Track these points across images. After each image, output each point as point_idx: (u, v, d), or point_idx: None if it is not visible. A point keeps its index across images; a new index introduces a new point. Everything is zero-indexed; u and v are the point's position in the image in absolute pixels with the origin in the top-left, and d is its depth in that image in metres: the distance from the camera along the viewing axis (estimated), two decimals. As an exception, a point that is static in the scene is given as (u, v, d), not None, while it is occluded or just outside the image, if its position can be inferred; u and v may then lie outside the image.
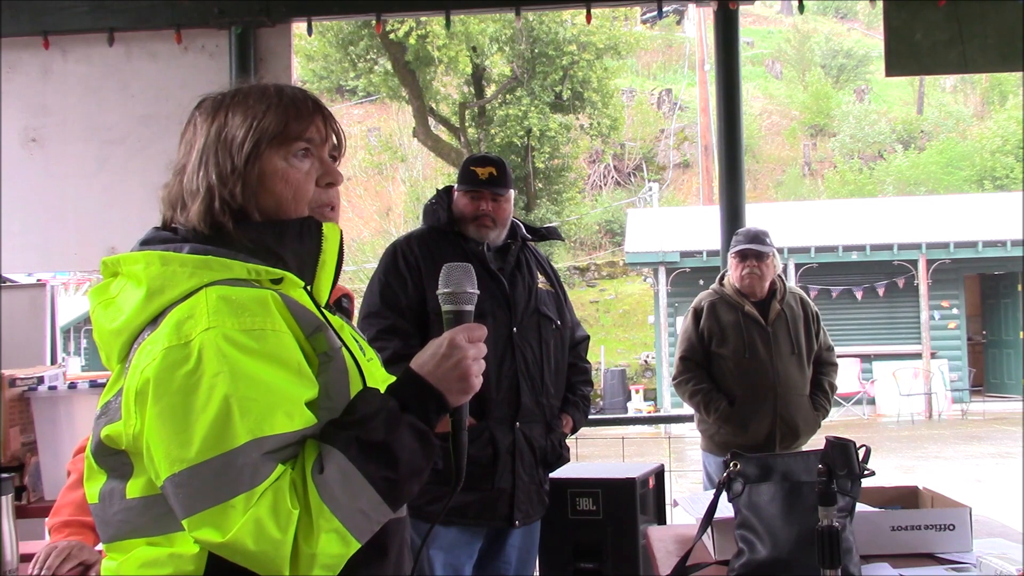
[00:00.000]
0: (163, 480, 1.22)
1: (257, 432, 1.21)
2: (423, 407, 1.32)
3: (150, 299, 1.28)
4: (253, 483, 1.20)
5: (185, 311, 1.25)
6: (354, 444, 1.25)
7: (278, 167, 1.37)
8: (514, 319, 2.97)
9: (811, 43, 32.72)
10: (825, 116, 30.17)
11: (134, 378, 1.25)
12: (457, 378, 1.35)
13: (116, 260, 1.35)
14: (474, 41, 20.19)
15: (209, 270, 1.29)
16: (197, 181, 1.35)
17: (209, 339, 1.22)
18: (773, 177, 28.88)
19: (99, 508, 1.34)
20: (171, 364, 1.21)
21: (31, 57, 4.20)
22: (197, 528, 1.20)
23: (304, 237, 1.38)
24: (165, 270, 1.29)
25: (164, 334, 1.24)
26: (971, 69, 4.01)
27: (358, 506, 1.24)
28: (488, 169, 3.06)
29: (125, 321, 1.30)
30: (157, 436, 1.21)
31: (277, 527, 1.19)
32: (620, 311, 22.79)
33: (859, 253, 16.28)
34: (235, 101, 1.39)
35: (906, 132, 29.31)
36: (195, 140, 1.38)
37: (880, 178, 26.60)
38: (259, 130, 1.36)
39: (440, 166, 23.41)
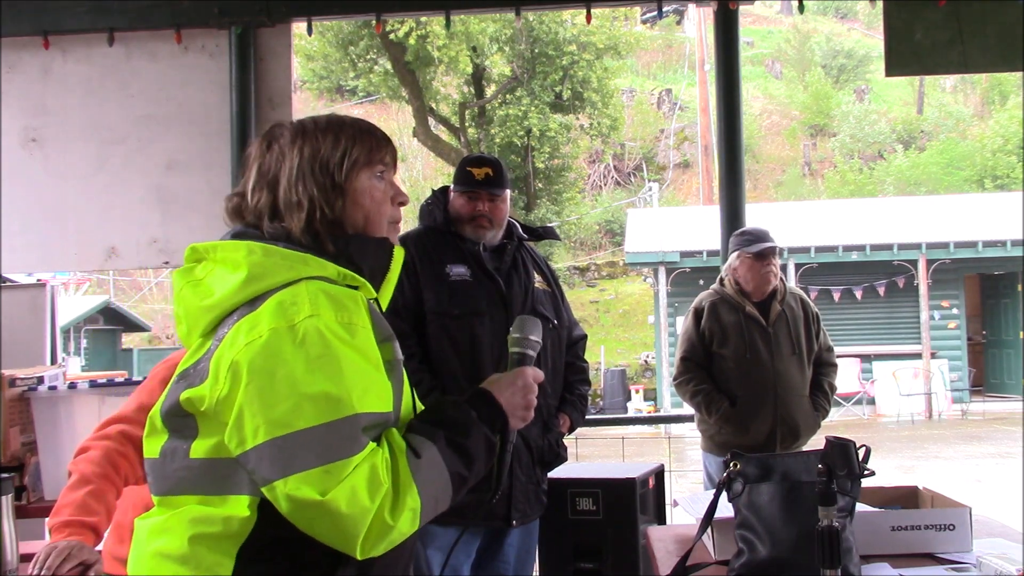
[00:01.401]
0: (258, 442, 1.34)
1: (358, 407, 1.37)
2: (492, 422, 1.56)
3: (249, 283, 1.43)
4: (352, 452, 1.35)
5: (288, 298, 1.40)
6: (443, 440, 1.45)
7: (366, 185, 1.57)
8: (511, 319, 2.96)
9: (811, 43, 32.72)
10: (825, 116, 30.17)
11: (231, 349, 1.38)
12: (523, 407, 1.61)
13: (211, 246, 1.51)
14: (474, 41, 20.19)
15: (306, 266, 1.46)
16: (298, 195, 1.51)
17: (312, 325, 1.38)
18: (773, 177, 28.89)
19: (158, 463, 1.47)
20: (278, 342, 1.36)
21: (31, 57, 4.20)
22: (297, 487, 1.32)
23: (380, 254, 1.58)
24: (267, 260, 1.45)
25: (268, 315, 1.39)
26: (971, 69, 4.01)
27: (435, 493, 1.43)
28: (484, 170, 3.06)
29: (219, 299, 1.45)
30: (257, 403, 1.35)
31: (369, 496, 1.34)
32: (620, 311, 22.79)
33: (859, 253, 16.28)
34: (320, 128, 1.56)
35: (906, 132, 29.31)
36: (283, 161, 1.54)
37: (880, 178, 26.60)
38: (353, 152, 1.56)
39: (440, 166, 23.42)
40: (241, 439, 1.36)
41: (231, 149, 4.04)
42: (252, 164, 1.58)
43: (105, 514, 2.07)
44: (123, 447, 2.15)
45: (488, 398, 1.57)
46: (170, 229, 4.12)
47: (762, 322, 4.05)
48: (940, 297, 16.54)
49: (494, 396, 1.58)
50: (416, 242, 3.04)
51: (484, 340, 2.92)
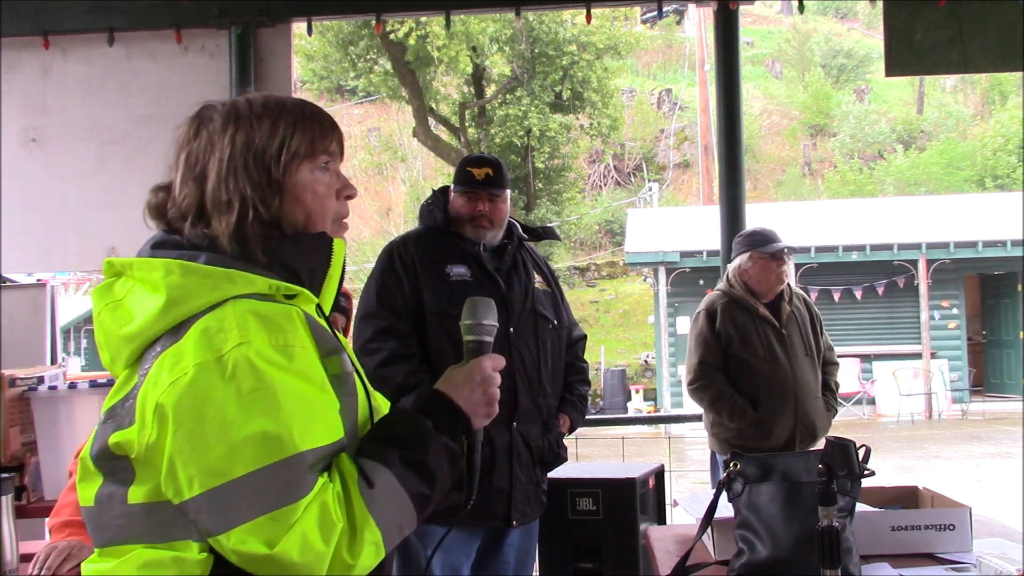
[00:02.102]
0: (194, 494, 1.21)
1: (301, 445, 1.22)
2: (453, 429, 1.40)
3: (169, 308, 1.27)
4: (299, 495, 1.21)
5: (214, 324, 1.25)
6: (398, 462, 1.30)
7: (308, 180, 1.39)
8: (511, 319, 2.97)
9: (811, 43, 32.72)
10: (825, 116, 30.17)
11: (155, 388, 1.24)
12: (485, 404, 1.45)
13: (127, 263, 1.34)
14: (474, 41, 20.20)
15: (232, 283, 1.29)
16: (228, 192, 1.34)
17: (242, 355, 1.22)
18: (773, 177, 28.88)
19: (95, 511, 1.32)
20: (204, 380, 1.21)
21: (31, 57, 4.20)
22: (242, 540, 1.20)
23: (318, 252, 1.40)
24: (186, 280, 1.28)
25: (192, 347, 1.23)
26: (971, 69, 4.01)
27: (398, 521, 1.30)
28: (485, 170, 3.06)
29: (139, 327, 1.29)
30: (188, 450, 1.21)
31: (322, 539, 1.21)
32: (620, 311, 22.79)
33: (859, 253, 16.28)
34: (256, 113, 1.38)
35: (906, 132, 29.31)
36: (212, 151, 1.37)
37: (880, 178, 26.60)
38: (292, 143, 1.37)
39: (440, 166, 23.41)
40: (177, 490, 1.23)
41: (231, 149, 4.04)
42: (179, 152, 1.41)
43: None
44: None
45: (445, 402, 1.42)
46: (170, 229, 4.11)
47: (775, 323, 3.99)
48: (940, 297, 16.55)
49: (451, 399, 1.42)
50: (416, 242, 3.05)
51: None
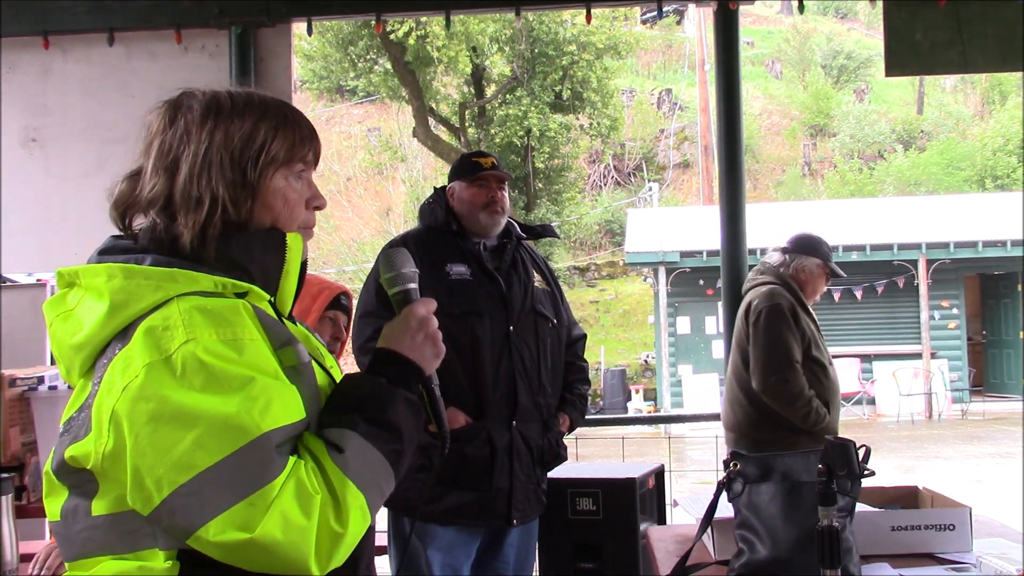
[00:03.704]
0: (164, 495, 1.19)
1: (264, 426, 1.21)
2: (407, 380, 1.39)
3: (114, 313, 1.26)
4: (272, 475, 1.20)
5: (159, 324, 1.23)
6: (361, 424, 1.29)
7: (281, 186, 1.37)
8: (511, 318, 2.98)
9: (811, 43, 32.72)
10: (825, 116, 30.17)
11: (109, 395, 1.22)
12: (430, 347, 1.43)
13: (74, 272, 1.32)
14: (474, 41, 20.19)
15: (175, 283, 1.27)
16: (199, 189, 1.31)
17: (189, 352, 1.21)
18: (773, 177, 28.88)
19: (61, 526, 1.31)
20: (155, 380, 1.20)
21: (31, 57, 4.19)
22: (221, 531, 1.18)
23: (269, 249, 1.37)
24: (128, 283, 1.26)
25: (139, 349, 1.22)
26: (971, 69, 4.01)
27: (375, 480, 1.29)
28: (489, 159, 3.10)
29: (87, 335, 1.27)
30: (152, 453, 1.19)
31: (302, 513, 1.21)
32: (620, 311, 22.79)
33: (859, 253, 16.28)
34: (238, 110, 1.35)
35: (906, 132, 29.30)
36: (187, 143, 1.33)
37: (880, 178, 26.60)
38: (272, 147, 1.35)
39: (440, 166, 23.41)
40: (146, 498, 1.20)
41: (231, 149, 4.04)
42: (152, 140, 1.36)
43: None
44: None
45: (392, 356, 1.40)
46: (170, 229, 4.11)
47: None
48: (940, 297, 16.55)
49: (396, 351, 1.40)
50: (416, 241, 3.05)
51: (484, 339, 2.92)
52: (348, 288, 2.77)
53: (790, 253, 3.99)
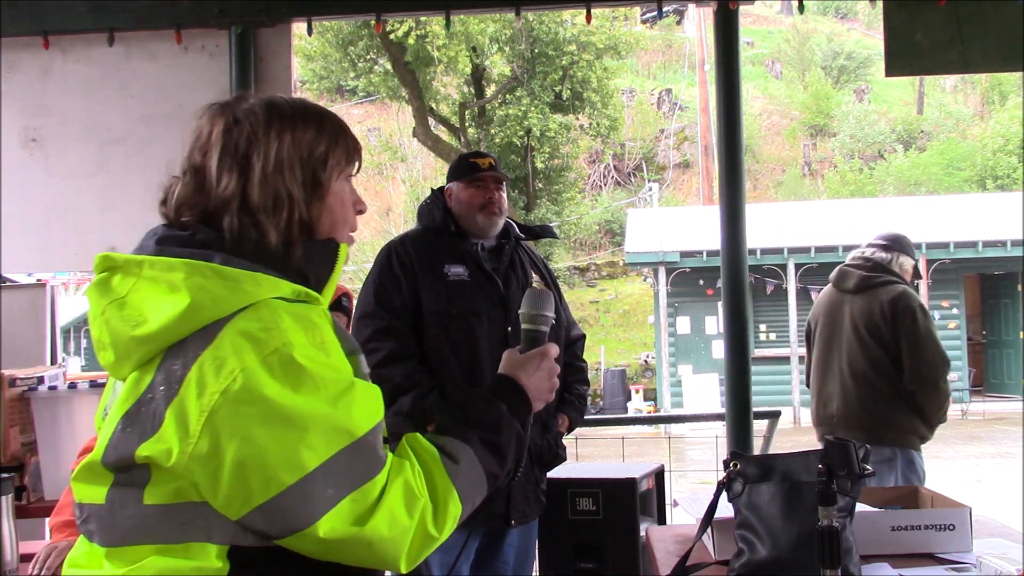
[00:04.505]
0: (271, 495, 1.20)
1: (364, 426, 1.26)
2: (520, 412, 1.48)
3: (195, 312, 1.24)
4: (376, 471, 1.25)
5: (253, 328, 1.23)
6: (477, 441, 1.37)
7: (340, 188, 1.42)
8: (509, 319, 2.97)
9: (811, 43, 32.72)
10: (825, 116, 30.18)
11: (201, 396, 1.21)
12: (547, 390, 1.55)
13: (134, 260, 1.30)
14: (474, 41, 20.20)
15: (259, 287, 1.27)
16: (278, 187, 1.34)
17: (287, 355, 1.23)
18: (773, 177, 28.89)
19: (105, 511, 1.29)
20: (256, 382, 1.21)
21: (31, 57, 4.19)
22: (332, 526, 1.22)
23: (326, 258, 1.40)
24: (210, 283, 1.25)
25: (234, 351, 1.22)
26: (971, 69, 4.00)
27: (473, 496, 1.36)
28: (487, 160, 3.09)
29: (158, 330, 1.25)
30: (259, 456, 1.20)
31: (408, 514, 1.26)
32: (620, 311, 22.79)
33: (859, 253, 16.26)
34: (299, 115, 1.39)
35: (906, 132, 29.31)
36: (255, 143, 1.34)
37: (880, 178, 26.60)
38: (337, 150, 1.41)
39: (440, 166, 23.41)
40: (247, 499, 1.21)
41: (231, 149, 4.04)
42: (210, 141, 1.36)
43: None
44: None
45: (514, 385, 1.50)
46: (170, 229, 4.11)
47: None
48: (940, 297, 16.54)
49: (519, 382, 1.50)
50: (414, 242, 3.05)
51: (482, 340, 2.92)
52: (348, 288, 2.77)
53: (893, 251, 4.15)
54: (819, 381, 4.26)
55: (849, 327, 4.11)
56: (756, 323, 16.77)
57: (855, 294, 4.13)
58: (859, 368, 4.05)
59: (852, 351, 4.08)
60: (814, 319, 4.39)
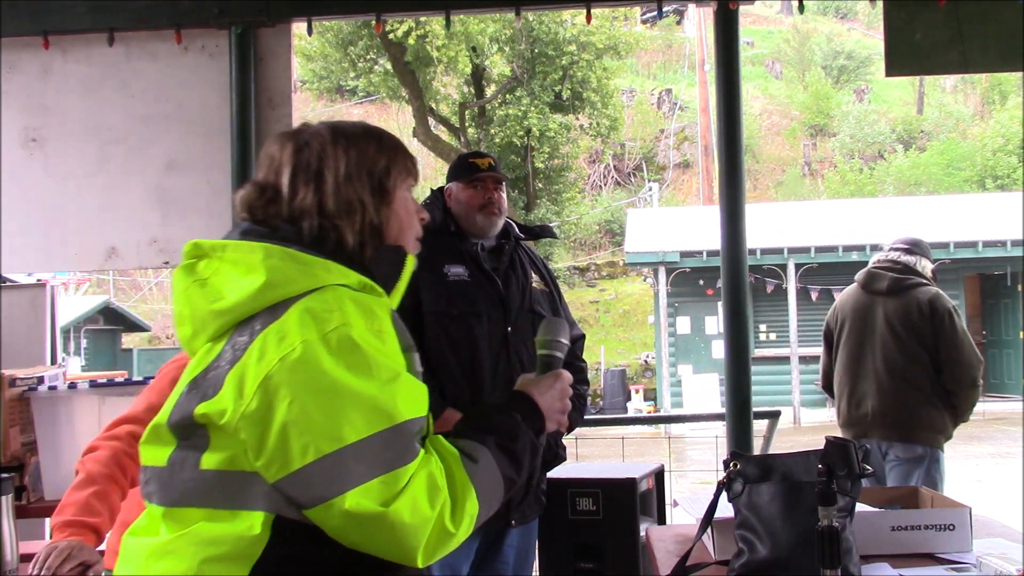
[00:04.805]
0: (307, 461, 1.29)
1: (405, 414, 1.34)
2: (534, 426, 1.55)
3: (268, 289, 1.37)
4: (408, 460, 1.33)
5: (317, 305, 1.36)
6: (494, 446, 1.45)
7: (403, 197, 1.57)
8: (508, 319, 2.97)
9: (811, 43, 32.72)
10: (825, 116, 30.17)
11: (260, 363, 1.32)
12: (559, 411, 1.63)
13: (219, 245, 1.44)
14: (474, 41, 20.19)
15: (328, 273, 1.41)
16: (350, 195, 1.48)
17: (345, 334, 1.33)
18: (773, 177, 28.89)
19: (166, 472, 1.40)
20: (314, 355, 1.31)
21: (31, 57, 4.19)
22: (357, 501, 1.29)
23: (395, 262, 1.54)
24: (285, 265, 1.39)
25: (297, 325, 1.34)
26: (971, 69, 4.00)
27: (489, 498, 1.42)
28: (487, 160, 3.08)
29: (234, 304, 1.39)
30: (303, 421, 1.30)
31: (429, 504, 1.33)
32: (620, 311, 22.79)
33: (859, 253, 16.26)
34: (360, 135, 1.55)
35: (906, 132, 29.31)
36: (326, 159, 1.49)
37: (880, 178, 26.60)
38: (397, 163, 1.56)
39: (440, 166, 23.41)
40: (285, 461, 1.30)
41: (231, 149, 4.04)
42: (284, 162, 1.51)
43: (108, 515, 2.07)
44: (132, 448, 2.14)
45: (529, 402, 1.58)
46: (170, 229, 4.11)
47: None
48: (940, 297, 16.51)
49: (534, 399, 1.59)
50: (414, 242, 3.05)
51: (482, 340, 2.92)
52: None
53: (915, 255, 4.30)
54: (850, 381, 4.28)
55: (884, 327, 4.17)
56: (756, 323, 16.78)
57: (888, 295, 4.21)
58: (896, 367, 4.12)
59: (888, 351, 4.14)
60: (838, 320, 4.43)
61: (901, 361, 4.12)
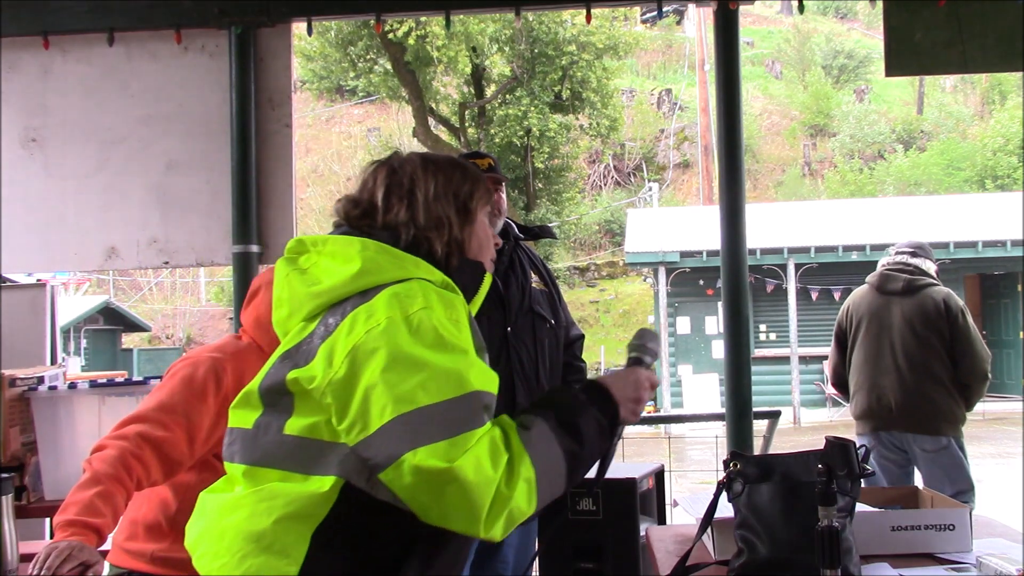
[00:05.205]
0: (385, 421, 1.42)
1: (476, 385, 1.48)
2: (602, 408, 1.62)
3: (362, 275, 1.55)
4: (475, 425, 1.44)
5: (403, 291, 1.52)
6: (553, 419, 1.54)
7: (483, 219, 1.76)
8: (508, 318, 2.97)
9: (811, 43, 32.71)
10: (825, 116, 30.17)
11: (349, 336, 1.48)
12: (632, 400, 1.68)
13: (320, 239, 1.65)
14: (474, 41, 20.19)
15: (417, 268, 1.59)
16: (439, 211, 1.67)
17: (425, 316, 1.49)
18: (773, 177, 28.89)
19: (250, 434, 1.57)
20: (395, 329, 1.46)
21: (31, 57, 4.19)
22: (424, 458, 1.40)
23: (474, 275, 1.71)
24: (379, 256, 1.58)
25: (383, 305, 1.50)
26: (971, 69, 4.00)
27: (548, 468, 1.49)
28: (487, 160, 3.08)
29: (330, 287, 1.56)
30: (383, 384, 1.43)
31: (492, 465, 1.42)
32: (620, 311, 22.80)
33: (859, 253, 16.27)
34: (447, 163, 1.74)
35: (906, 132, 29.30)
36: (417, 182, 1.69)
37: (880, 178, 26.59)
38: (478, 189, 1.74)
39: (440, 166, 23.39)
40: (366, 423, 1.44)
41: (231, 149, 4.04)
42: (379, 182, 1.70)
43: (111, 516, 2.06)
44: (139, 449, 2.13)
45: (600, 388, 1.66)
46: (170, 229, 4.11)
47: None
48: (940, 297, 16.50)
49: (604, 384, 1.66)
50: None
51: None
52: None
53: (921, 257, 4.58)
54: (870, 376, 4.50)
55: (902, 325, 4.44)
56: (756, 323, 16.77)
57: (903, 295, 4.49)
58: (917, 362, 4.37)
59: (909, 347, 4.40)
60: (852, 320, 4.66)
61: (920, 356, 4.37)
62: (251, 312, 2.43)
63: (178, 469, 2.22)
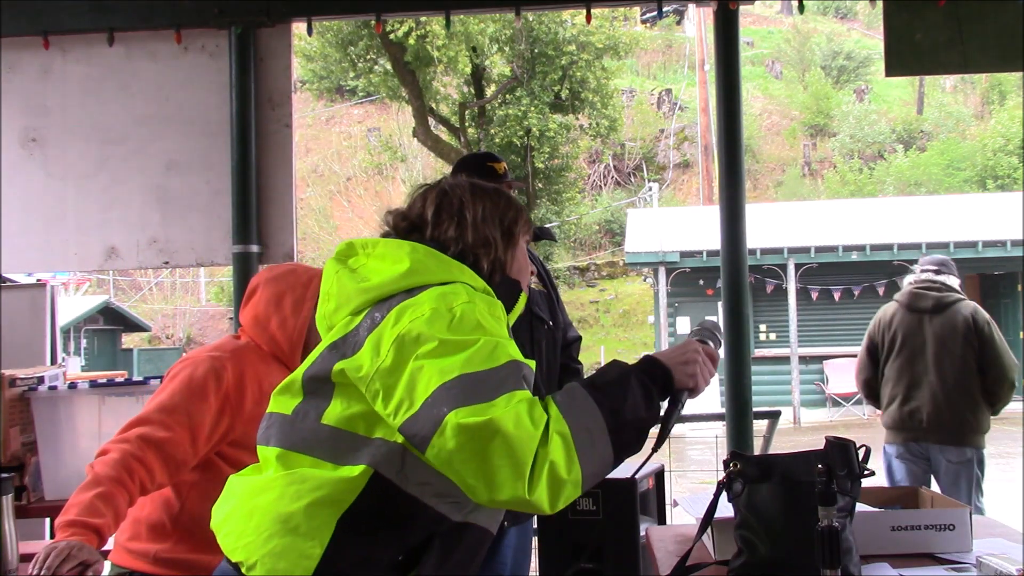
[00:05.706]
0: (431, 391, 1.47)
1: (516, 356, 1.55)
2: (650, 373, 1.63)
3: (410, 275, 1.63)
4: (515, 387, 1.50)
5: (448, 290, 1.61)
6: (588, 383, 1.58)
7: (522, 246, 1.87)
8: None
9: (811, 43, 32.72)
10: (825, 116, 30.17)
11: (396, 326, 1.55)
12: (683, 363, 1.67)
13: (370, 242, 1.74)
14: (474, 41, 20.18)
15: (462, 273, 1.70)
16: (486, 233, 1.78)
17: (468, 309, 1.58)
18: (773, 177, 28.89)
19: (288, 420, 1.65)
20: (438, 318, 1.54)
21: (31, 57, 4.20)
22: (466, 416, 1.44)
23: (512, 293, 1.82)
24: (427, 259, 1.67)
25: (429, 300, 1.58)
26: (971, 69, 4.01)
27: (584, 422, 1.51)
28: (502, 164, 3.07)
29: (378, 283, 1.64)
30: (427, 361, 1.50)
31: (532, 423, 1.46)
32: (620, 311, 22.80)
33: (859, 253, 16.28)
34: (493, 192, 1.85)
35: (906, 132, 29.31)
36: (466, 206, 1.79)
37: (880, 178, 26.59)
38: (521, 218, 1.85)
39: (440, 166, 23.41)
40: (412, 401, 1.49)
41: (231, 149, 4.04)
42: (429, 202, 1.80)
43: (112, 517, 2.06)
44: (141, 451, 2.14)
45: (649, 358, 1.68)
46: (170, 229, 4.12)
47: None
48: (940, 297, 16.50)
49: (654, 356, 1.69)
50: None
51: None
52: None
53: (945, 274, 4.75)
54: (904, 391, 4.71)
55: (935, 342, 4.63)
56: (756, 323, 16.77)
57: (933, 313, 4.66)
58: (949, 378, 4.58)
59: (941, 363, 4.60)
60: (886, 337, 4.85)
61: (952, 372, 4.58)
62: (249, 311, 2.43)
63: (182, 469, 2.22)
